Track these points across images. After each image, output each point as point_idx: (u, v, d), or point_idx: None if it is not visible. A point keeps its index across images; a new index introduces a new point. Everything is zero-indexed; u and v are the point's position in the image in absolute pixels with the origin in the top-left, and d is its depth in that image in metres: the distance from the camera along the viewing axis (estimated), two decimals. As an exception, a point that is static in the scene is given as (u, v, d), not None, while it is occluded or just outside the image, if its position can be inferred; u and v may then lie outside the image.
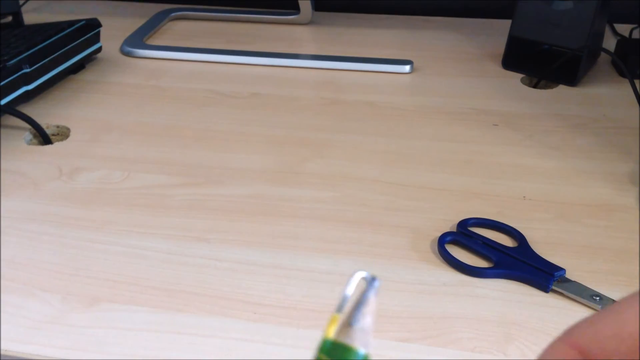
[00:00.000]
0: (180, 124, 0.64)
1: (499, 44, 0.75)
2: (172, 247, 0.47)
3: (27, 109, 0.65)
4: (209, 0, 0.94)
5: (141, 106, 0.67)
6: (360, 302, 0.16)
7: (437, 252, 0.45)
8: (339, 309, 0.16)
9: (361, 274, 0.17)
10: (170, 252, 0.47)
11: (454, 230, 0.47)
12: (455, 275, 0.44)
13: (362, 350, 0.16)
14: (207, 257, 0.46)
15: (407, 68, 0.72)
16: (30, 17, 0.90)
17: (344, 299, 0.17)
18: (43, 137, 0.61)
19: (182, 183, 0.54)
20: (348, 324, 0.16)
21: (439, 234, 0.46)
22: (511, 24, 0.71)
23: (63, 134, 0.63)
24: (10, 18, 0.82)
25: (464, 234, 0.47)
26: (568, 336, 0.17)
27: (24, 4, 0.92)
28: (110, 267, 0.45)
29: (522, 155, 0.57)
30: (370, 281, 0.17)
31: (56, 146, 0.61)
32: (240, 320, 0.41)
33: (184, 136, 0.61)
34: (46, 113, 0.66)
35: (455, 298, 0.42)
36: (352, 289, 0.17)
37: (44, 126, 0.63)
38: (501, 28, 0.79)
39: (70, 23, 0.72)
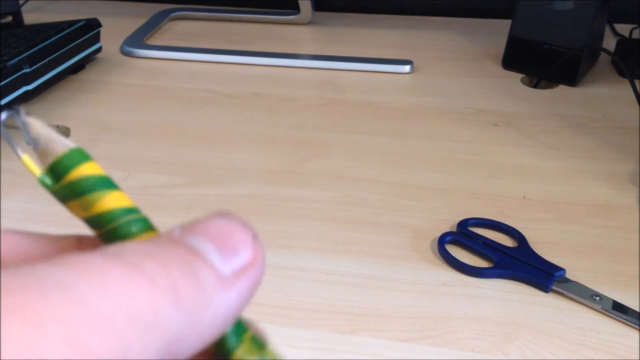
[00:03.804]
0: (180, 124, 0.64)
1: (499, 44, 0.75)
2: (172, 247, 0.47)
3: (27, 109, 0.65)
4: (209, 0, 0.94)
5: (141, 106, 0.67)
6: (24, 130, 0.16)
7: (437, 252, 0.45)
8: (17, 153, 0.16)
9: (5, 114, 0.17)
10: (170, 252, 0.46)
11: (454, 230, 0.47)
12: (455, 275, 0.44)
13: (71, 145, 0.16)
14: (207, 257, 0.46)
15: (407, 68, 0.72)
16: (30, 17, 0.90)
17: (13, 148, 0.17)
18: (43, 137, 0.61)
19: (182, 183, 0.54)
20: (35, 152, 0.16)
21: (439, 234, 0.46)
22: (511, 24, 0.71)
23: (63, 134, 0.63)
24: (10, 18, 0.82)
25: (464, 234, 0.47)
26: None
27: (24, 4, 0.92)
28: (110, 267, 0.45)
29: (522, 155, 0.57)
30: (15, 113, 0.16)
31: (56, 146, 0.60)
32: (240, 320, 0.41)
33: (184, 136, 0.61)
34: (46, 113, 0.66)
35: (455, 298, 0.42)
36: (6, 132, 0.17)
37: (44, 126, 0.62)
38: (501, 28, 0.79)
39: (70, 23, 0.72)
